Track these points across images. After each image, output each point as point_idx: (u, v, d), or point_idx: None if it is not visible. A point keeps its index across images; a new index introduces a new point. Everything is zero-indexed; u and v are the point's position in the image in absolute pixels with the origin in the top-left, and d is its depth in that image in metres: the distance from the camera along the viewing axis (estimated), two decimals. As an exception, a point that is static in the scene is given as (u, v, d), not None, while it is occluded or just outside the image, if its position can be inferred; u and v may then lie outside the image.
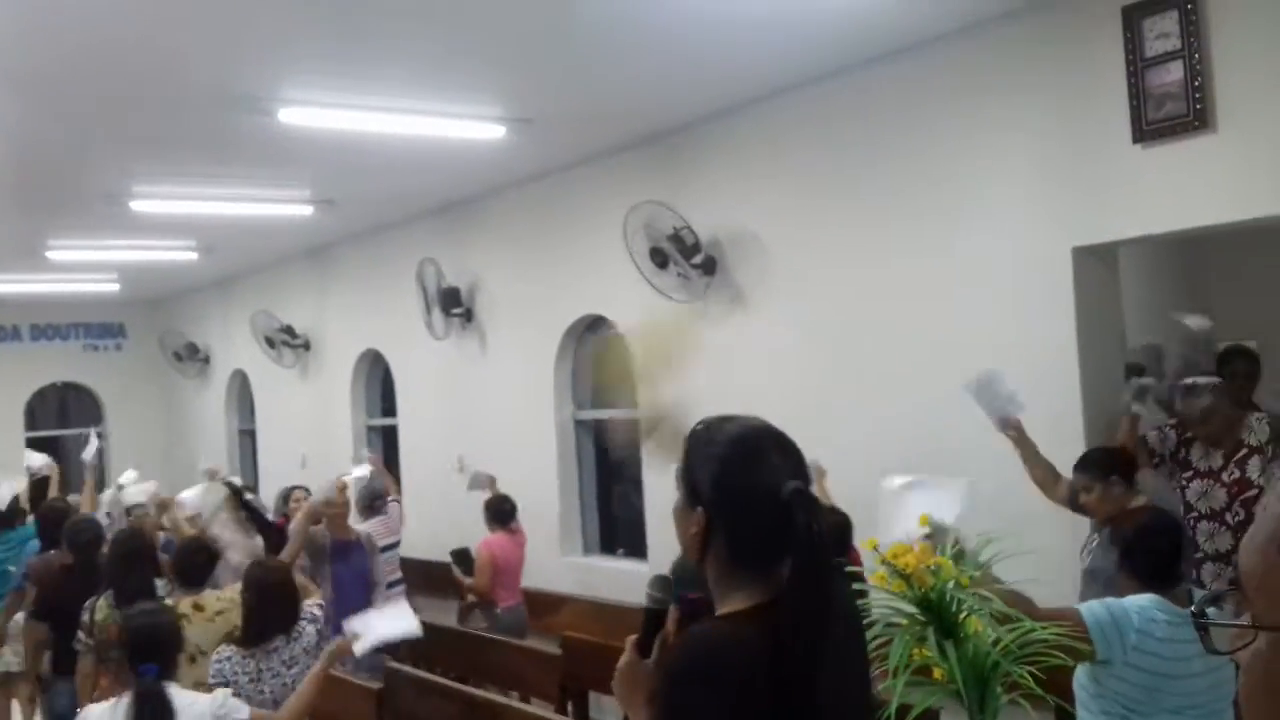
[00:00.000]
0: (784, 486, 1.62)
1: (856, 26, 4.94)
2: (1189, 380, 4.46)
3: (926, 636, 2.61)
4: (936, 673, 2.63)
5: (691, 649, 1.62)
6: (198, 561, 4.93)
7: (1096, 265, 4.80)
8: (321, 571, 5.78)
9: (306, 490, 6.99)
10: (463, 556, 6.85)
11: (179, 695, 3.45)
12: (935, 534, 2.80)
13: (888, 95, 5.41)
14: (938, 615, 2.61)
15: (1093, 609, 2.86)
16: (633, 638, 1.71)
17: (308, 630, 4.27)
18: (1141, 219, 4.48)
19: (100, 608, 5.10)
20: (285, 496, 7.46)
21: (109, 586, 5.16)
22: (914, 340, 5.36)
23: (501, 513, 6.81)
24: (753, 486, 1.64)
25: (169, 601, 4.69)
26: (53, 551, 6.25)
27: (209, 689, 3.79)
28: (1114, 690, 2.83)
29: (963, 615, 2.60)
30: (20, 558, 6.73)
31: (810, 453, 1.81)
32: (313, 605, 4.49)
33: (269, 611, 4.18)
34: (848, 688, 1.71)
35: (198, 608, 4.66)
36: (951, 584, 2.56)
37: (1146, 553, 3.05)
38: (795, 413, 1.77)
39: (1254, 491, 4.26)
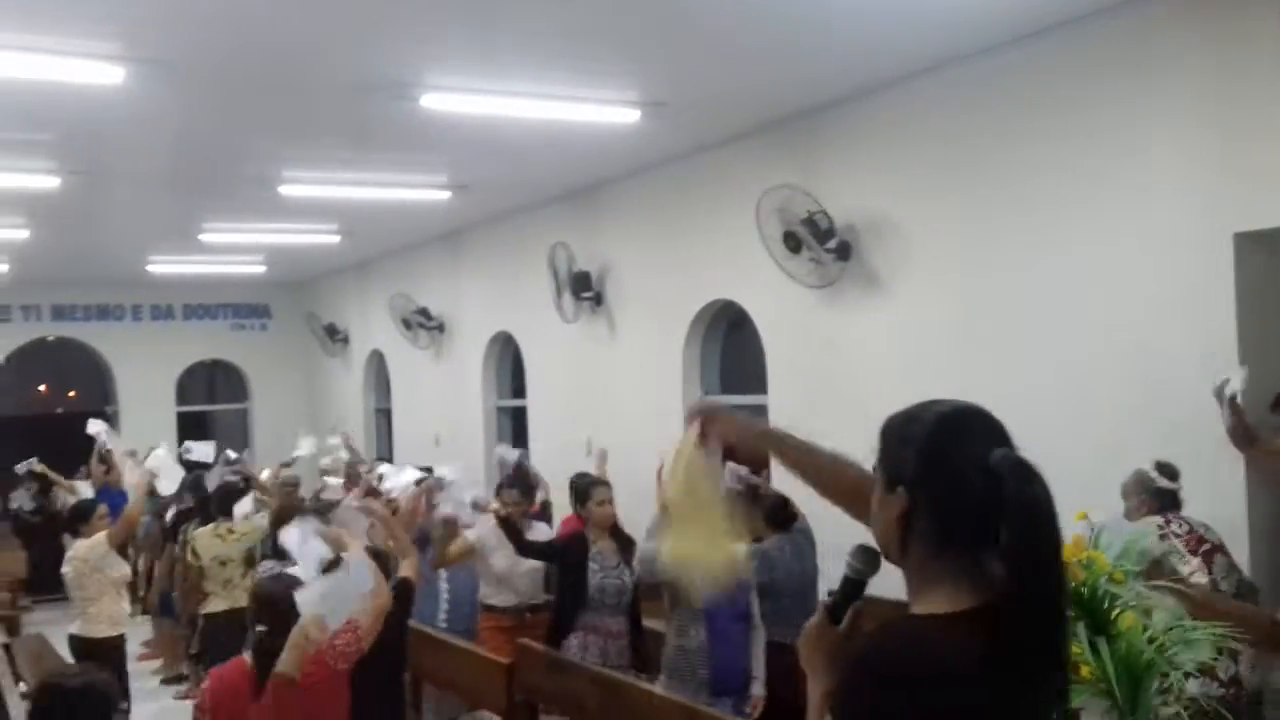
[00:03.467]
0: (993, 454, 1.50)
1: (997, 6, 4.78)
2: None
3: (1075, 632, 2.53)
4: (1084, 670, 2.54)
5: (894, 647, 1.49)
6: (230, 498, 7.08)
7: (1260, 252, 4.55)
8: (695, 624, 4.94)
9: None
10: None
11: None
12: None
13: (1031, 76, 5.22)
14: (1089, 611, 2.52)
15: None
16: (826, 600, 1.63)
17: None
18: (1311, 203, 4.24)
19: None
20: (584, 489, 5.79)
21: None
22: (1059, 329, 5.17)
23: None
24: (959, 456, 1.51)
25: (211, 526, 6.98)
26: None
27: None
28: None
29: (1115, 611, 2.51)
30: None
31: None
32: None
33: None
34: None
35: (230, 531, 6.93)
36: (1105, 578, 2.47)
37: None
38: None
39: None
